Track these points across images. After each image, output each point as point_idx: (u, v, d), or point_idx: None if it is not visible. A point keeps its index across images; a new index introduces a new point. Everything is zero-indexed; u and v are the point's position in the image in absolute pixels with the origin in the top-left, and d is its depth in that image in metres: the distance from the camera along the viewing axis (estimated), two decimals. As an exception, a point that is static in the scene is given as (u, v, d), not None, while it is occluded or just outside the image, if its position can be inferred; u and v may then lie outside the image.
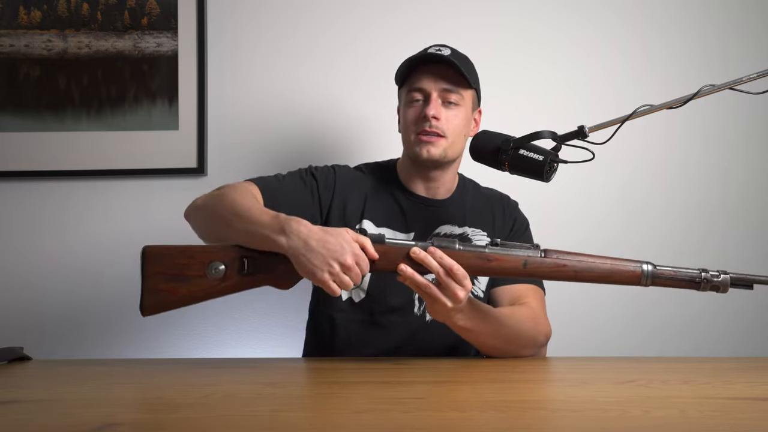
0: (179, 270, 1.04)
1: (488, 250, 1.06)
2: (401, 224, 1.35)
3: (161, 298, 1.05)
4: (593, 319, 1.78)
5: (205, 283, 1.05)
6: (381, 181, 1.40)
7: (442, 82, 1.29)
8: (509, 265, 1.06)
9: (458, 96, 1.30)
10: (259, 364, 1.21)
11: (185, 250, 1.06)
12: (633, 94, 1.78)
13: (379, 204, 1.36)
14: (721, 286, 1.05)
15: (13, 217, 1.79)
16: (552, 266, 1.06)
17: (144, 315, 1.07)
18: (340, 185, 1.36)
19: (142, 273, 1.05)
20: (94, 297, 1.78)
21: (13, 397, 0.88)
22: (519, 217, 1.43)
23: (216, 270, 1.05)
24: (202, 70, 1.78)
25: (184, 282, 1.05)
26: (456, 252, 1.05)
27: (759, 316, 1.80)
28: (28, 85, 1.79)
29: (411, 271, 1.04)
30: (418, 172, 1.36)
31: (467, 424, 0.75)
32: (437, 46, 1.32)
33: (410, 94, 1.31)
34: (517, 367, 1.11)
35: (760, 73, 1.09)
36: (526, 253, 1.06)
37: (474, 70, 1.36)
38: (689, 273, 1.06)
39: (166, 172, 1.78)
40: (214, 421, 0.76)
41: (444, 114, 1.29)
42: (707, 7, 1.85)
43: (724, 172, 1.83)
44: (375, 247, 1.05)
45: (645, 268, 1.06)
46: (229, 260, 1.05)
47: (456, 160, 1.36)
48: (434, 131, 1.28)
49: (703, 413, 0.79)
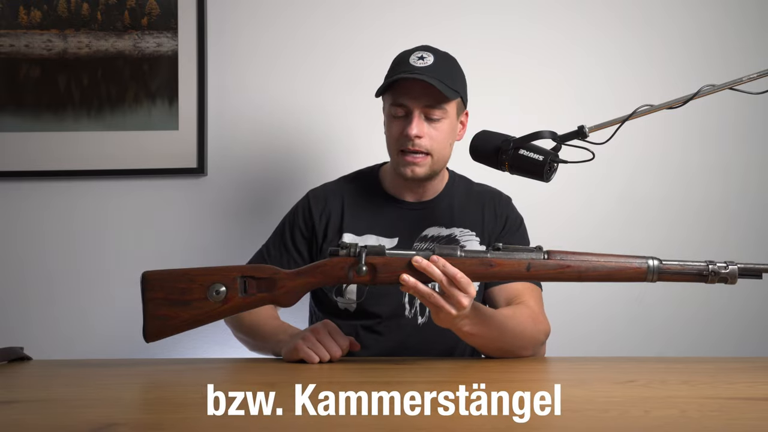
0: (179, 294, 1.04)
1: (490, 255, 1.04)
2: (384, 230, 1.35)
3: (163, 324, 1.05)
4: (593, 319, 1.78)
5: (207, 306, 1.05)
6: (361, 189, 1.40)
7: (425, 99, 1.26)
8: (512, 269, 1.04)
9: (442, 111, 1.27)
10: (259, 364, 1.21)
11: (185, 274, 1.05)
12: (633, 94, 1.77)
13: (358, 213, 1.36)
14: (729, 277, 1.02)
15: (13, 217, 1.79)
16: (555, 268, 1.04)
17: (147, 341, 1.07)
18: (315, 212, 1.38)
19: (142, 299, 1.05)
20: (94, 297, 1.78)
21: (13, 397, 0.88)
22: (512, 214, 1.41)
23: (217, 292, 1.04)
24: (202, 70, 1.78)
25: (185, 306, 1.04)
26: (458, 259, 1.03)
27: (759, 316, 1.80)
28: (28, 85, 1.79)
29: (413, 281, 1.02)
30: (405, 183, 1.36)
31: (467, 424, 0.75)
32: (420, 52, 1.28)
33: (393, 108, 1.29)
34: (517, 367, 1.11)
35: (760, 73, 1.09)
36: (529, 256, 1.04)
37: (458, 75, 1.32)
38: (696, 266, 1.03)
39: (166, 172, 1.78)
40: (214, 421, 0.76)
41: (427, 131, 1.27)
42: (707, 7, 1.84)
43: (724, 172, 1.83)
44: (375, 259, 1.04)
45: (651, 264, 1.04)
46: (229, 282, 1.05)
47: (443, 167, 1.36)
48: (417, 149, 1.27)
49: (703, 413, 0.79)
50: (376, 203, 1.38)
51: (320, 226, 1.37)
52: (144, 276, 1.06)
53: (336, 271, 1.06)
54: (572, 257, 1.04)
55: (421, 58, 1.27)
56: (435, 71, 1.25)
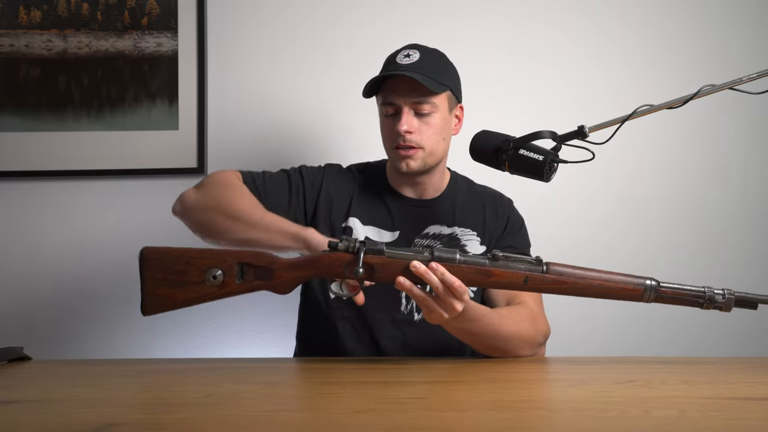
0: (177, 275, 1.05)
1: (489, 264, 1.04)
2: (387, 224, 1.35)
3: (160, 302, 1.07)
4: (593, 319, 1.78)
5: (203, 290, 1.06)
6: (369, 181, 1.41)
7: (412, 95, 1.27)
8: (509, 281, 1.05)
9: (431, 105, 1.28)
10: (259, 364, 1.21)
11: (183, 254, 1.06)
12: (633, 94, 1.78)
13: (365, 203, 1.37)
14: (724, 306, 1.04)
15: (12, 217, 1.79)
16: (552, 283, 1.04)
17: (145, 315, 1.07)
18: (327, 184, 1.38)
19: (141, 275, 1.06)
20: (94, 297, 1.78)
21: (13, 397, 0.88)
22: (513, 216, 1.41)
23: (214, 277, 1.05)
24: (202, 70, 1.78)
25: (182, 288, 1.06)
26: (456, 266, 1.03)
27: (759, 316, 1.78)
28: (28, 85, 1.79)
29: (409, 284, 1.02)
30: (403, 178, 1.37)
31: (467, 424, 0.75)
32: (407, 50, 1.30)
33: (383, 108, 1.31)
34: (517, 367, 1.11)
35: (760, 73, 1.09)
36: (528, 267, 1.05)
37: (447, 70, 1.33)
38: (693, 291, 1.05)
39: (166, 172, 1.78)
40: (214, 421, 0.76)
41: (417, 126, 1.28)
42: (707, 7, 1.85)
43: (724, 172, 1.83)
44: (373, 258, 1.04)
45: (648, 284, 1.04)
46: (226, 267, 1.05)
47: (440, 162, 1.36)
48: (409, 145, 1.28)
49: (703, 413, 0.79)
50: (380, 196, 1.39)
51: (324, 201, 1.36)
52: (142, 252, 1.06)
53: (333, 268, 1.06)
54: (570, 272, 1.05)
55: (407, 56, 1.29)
56: (420, 67, 1.27)
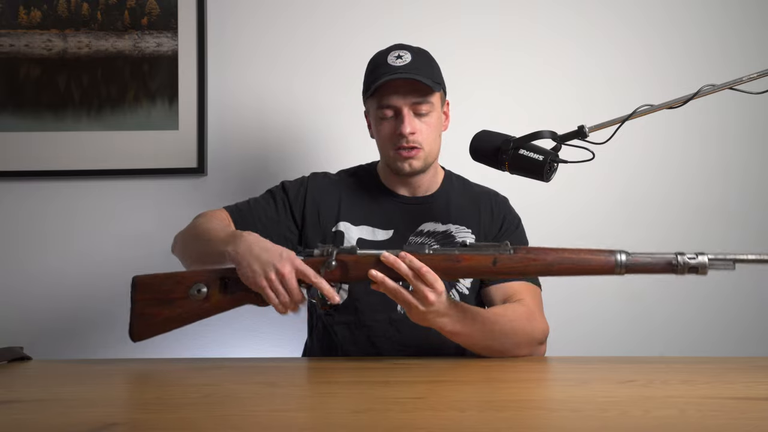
0: (164, 294, 1.10)
1: (458, 252, 1.07)
2: (381, 223, 1.35)
3: (147, 322, 1.10)
4: (593, 319, 1.78)
5: (188, 304, 1.10)
6: (360, 182, 1.41)
7: (412, 96, 1.28)
8: (479, 264, 1.06)
9: (429, 105, 1.29)
10: (259, 364, 1.21)
11: (171, 276, 1.11)
12: (633, 94, 1.78)
13: (356, 204, 1.37)
14: (700, 267, 0.99)
15: (13, 217, 1.79)
16: (521, 261, 1.05)
17: (134, 341, 1.12)
18: (312, 193, 1.38)
19: (131, 302, 1.11)
20: (94, 297, 1.78)
21: (13, 397, 0.89)
22: (509, 215, 1.41)
23: (198, 291, 1.09)
24: (202, 70, 1.78)
25: (168, 305, 1.10)
26: (425, 256, 1.06)
27: (759, 316, 1.80)
28: (28, 85, 1.79)
29: (381, 276, 1.04)
30: (398, 178, 1.37)
31: (467, 424, 0.75)
32: (396, 51, 1.30)
33: (381, 110, 1.31)
34: (517, 367, 1.11)
35: (760, 73, 1.09)
36: (496, 251, 1.06)
37: (436, 67, 1.34)
38: (665, 257, 1.01)
39: (166, 172, 1.78)
40: (214, 421, 0.76)
41: (417, 126, 1.29)
42: (707, 7, 1.85)
43: (724, 172, 1.83)
44: (346, 257, 1.07)
45: (618, 257, 1.03)
46: (210, 281, 1.10)
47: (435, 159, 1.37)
48: (412, 146, 1.29)
49: (703, 413, 0.79)
50: (373, 196, 1.39)
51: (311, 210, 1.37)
52: (134, 280, 1.12)
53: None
54: (539, 251, 1.05)
55: (399, 57, 1.29)
56: (416, 68, 1.27)
